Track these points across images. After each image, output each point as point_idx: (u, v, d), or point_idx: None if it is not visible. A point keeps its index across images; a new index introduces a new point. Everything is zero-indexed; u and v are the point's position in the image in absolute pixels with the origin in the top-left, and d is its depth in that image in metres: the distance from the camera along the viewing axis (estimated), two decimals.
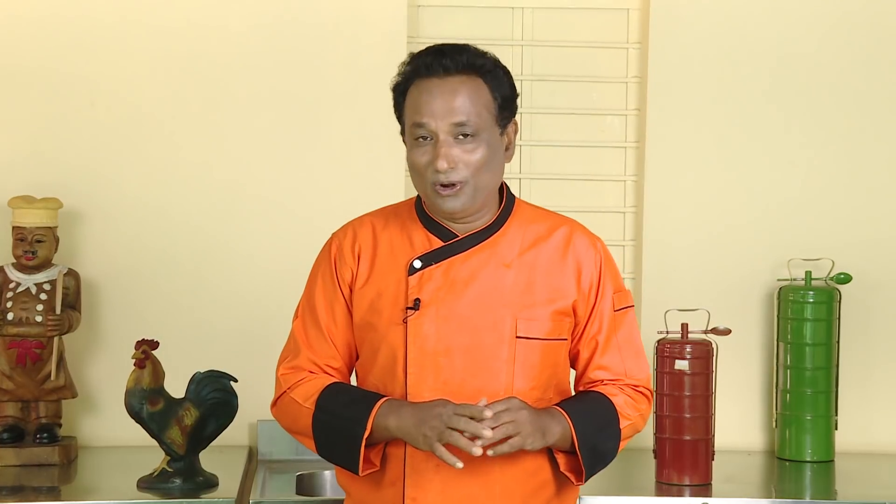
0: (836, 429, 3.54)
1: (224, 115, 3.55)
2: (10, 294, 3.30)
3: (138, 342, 3.07)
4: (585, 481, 2.29)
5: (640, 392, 2.33)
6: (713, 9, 3.65)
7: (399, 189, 3.52)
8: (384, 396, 2.21)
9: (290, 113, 3.57)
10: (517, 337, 2.22)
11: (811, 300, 3.50)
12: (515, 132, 2.30)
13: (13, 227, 3.33)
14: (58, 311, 3.29)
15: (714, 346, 3.24)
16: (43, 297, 3.30)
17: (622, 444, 2.31)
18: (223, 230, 3.54)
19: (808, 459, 3.50)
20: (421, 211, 2.31)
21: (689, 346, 3.20)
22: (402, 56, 3.52)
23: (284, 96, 3.57)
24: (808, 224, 3.66)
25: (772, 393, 3.62)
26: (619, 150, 3.76)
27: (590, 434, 2.22)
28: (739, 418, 3.63)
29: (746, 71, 3.65)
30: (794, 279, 3.57)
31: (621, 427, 2.28)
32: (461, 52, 2.22)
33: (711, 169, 3.65)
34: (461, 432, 2.07)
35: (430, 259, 2.24)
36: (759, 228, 3.65)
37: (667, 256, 3.66)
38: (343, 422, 2.20)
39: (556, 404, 2.25)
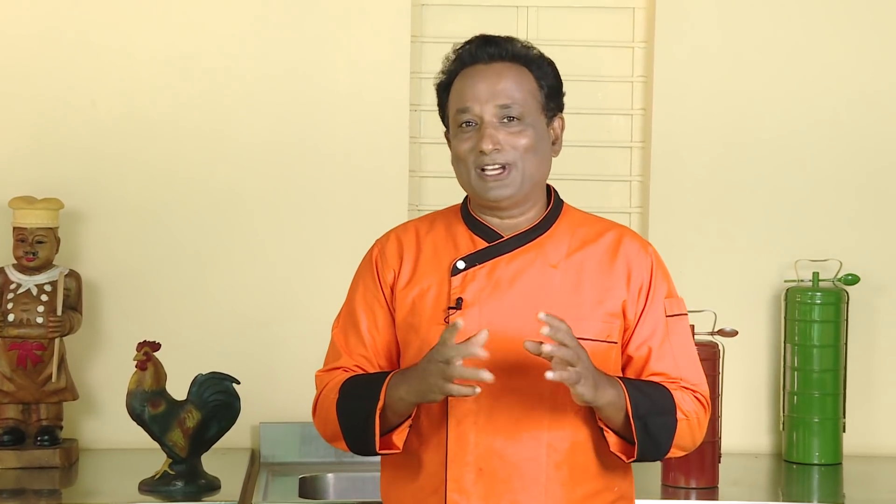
0: (844, 431, 3.51)
1: (226, 115, 3.53)
2: (10, 295, 3.29)
3: (140, 344, 3.05)
4: (636, 459, 2.17)
5: (698, 399, 2.23)
6: (719, 8, 3.63)
7: (402, 190, 3.50)
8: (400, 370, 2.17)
9: (293, 113, 3.56)
10: None
11: (818, 301, 3.48)
12: (562, 128, 2.28)
13: (14, 228, 3.31)
14: (59, 312, 3.28)
15: (721, 347, 3.22)
16: (44, 298, 3.29)
17: (675, 443, 2.19)
18: (225, 231, 3.53)
19: (816, 462, 3.48)
20: (466, 212, 2.27)
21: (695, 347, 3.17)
22: (406, 55, 3.56)
23: (286, 96, 3.55)
24: (815, 225, 3.64)
25: (779, 395, 3.60)
26: (624, 150, 3.74)
27: (644, 409, 2.12)
28: (746, 420, 3.61)
29: (753, 70, 3.63)
30: (802, 280, 3.55)
31: (678, 418, 2.17)
32: (506, 41, 2.23)
33: (718, 169, 3.64)
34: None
35: (473, 260, 2.20)
36: (765, 229, 3.63)
37: (673, 257, 3.61)
38: (360, 402, 2.16)
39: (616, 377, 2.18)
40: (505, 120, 2.16)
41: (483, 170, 2.17)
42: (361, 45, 3.54)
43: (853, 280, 3.52)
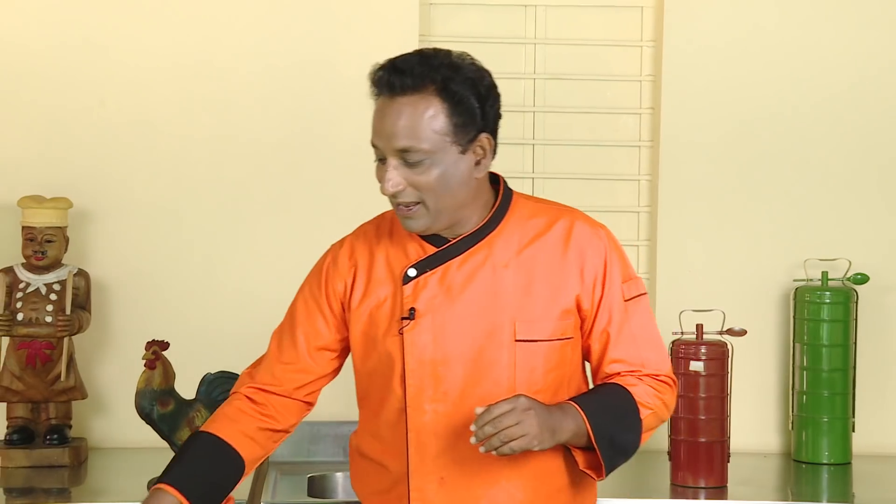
0: (854, 431, 3.50)
1: (234, 115, 3.54)
2: (19, 294, 3.29)
3: (149, 343, 3.06)
4: (606, 476, 2.19)
5: (662, 381, 2.23)
6: (727, 6, 3.62)
7: None
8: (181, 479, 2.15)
9: (301, 113, 3.56)
10: (517, 341, 2.15)
11: (828, 301, 3.47)
12: (491, 145, 2.15)
13: (23, 227, 3.32)
14: (67, 311, 3.28)
15: (729, 347, 3.21)
16: (53, 297, 3.29)
17: (645, 436, 2.21)
18: (233, 230, 3.53)
19: (825, 462, 3.47)
20: None
21: (704, 347, 3.17)
22: None
23: (295, 96, 3.55)
24: (824, 224, 3.63)
25: (788, 394, 3.59)
26: (633, 149, 3.74)
27: (606, 426, 2.13)
28: (755, 420, 3.60)
29: (762, 68, 3.62)
30: (811, 279, 3.54)
31: (642, 417, 2.18)
32: (412, 71, 2.08)
33: (726, 168, 3.63)
34: None
35: (424, 266, 2.18)
36: (774, 228, 3.62)
37: (681, 256, 3.63)
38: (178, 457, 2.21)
39: (570, 399, 2.17)
40: (407, 160, 2.09)
41: (395, 204, 2.14)
42: (370, 45, 3.54)
43: (862, 279, 3.51)
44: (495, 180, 2.25)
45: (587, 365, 2.31)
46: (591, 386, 2.30)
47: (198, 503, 2.12)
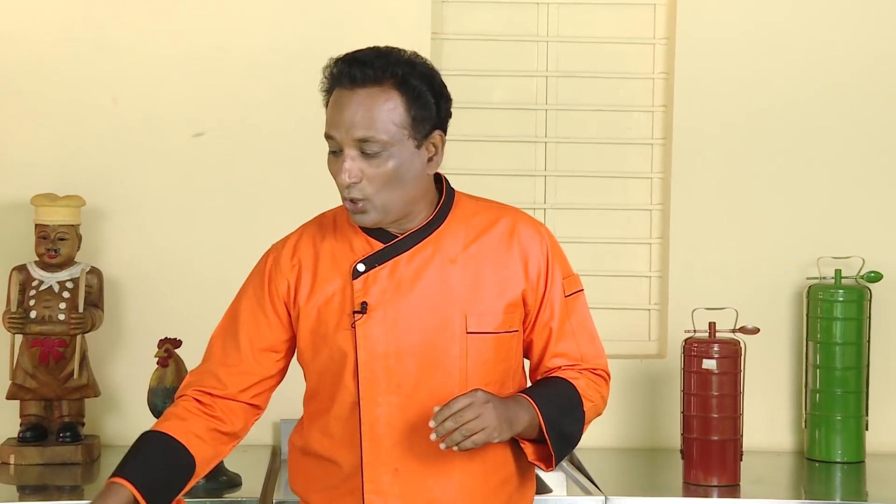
0: (867, 429, 3.49)
1: (246, 112, 3.54)
2: (32, 292, 3.30)
3: (161, 341, 3.06)
4: (555, 467, 2.25)
5: (599, 374, 2.30)
6: (740, 3, 3.61)
7: None
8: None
9: (313, 112, 3.53)
10: (468, 333, 2.18)
11: (841, 299, 3.46)
12: (442, 143, 2.19)
13: (36, 225, 3.33)
14: (80, 309, 3.29)
15: (742, 345, 3.20)
16: (66, 295, 3.30)
17: (585, 427, 2.27)
18: (246, 227, 3.53)
19: (839, 460, 3.46)
20: None
21: (716, 345, 3.17)
22: (426, 52, 3.55)
23: (308, 93, 3.52)
24: (837, 221, 3.62)
25: (801, 393, 3.58)
26: (645, 147, 3.73)
27: (556, 418, 2.18)
28: (768, 418, 3.59)
29: (774, 67, 3.61)
30: (824, 277, 3.53)
31: (585, 410, 2.24)
32: (373, 63, 2.12)
33: (739, 165, 3.62)
34: None
35: (373, 261, 2.20)
36: (787, 226, 3.61)
37: (694, 254, 3.63)
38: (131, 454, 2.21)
39: (521, 392, 2.22)
40: (365, 151, 2.12)
41: (346, 199, 2.16)
42: (382, 43, 3.53)
43: (876, 277, 3.50)
44: (438, 179, 2.28)
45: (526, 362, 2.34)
46: (528, 381, 2.34)
47: (151, 499, 2.12)
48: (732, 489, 3.15)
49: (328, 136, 2.16)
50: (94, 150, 3.52)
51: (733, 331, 3.22)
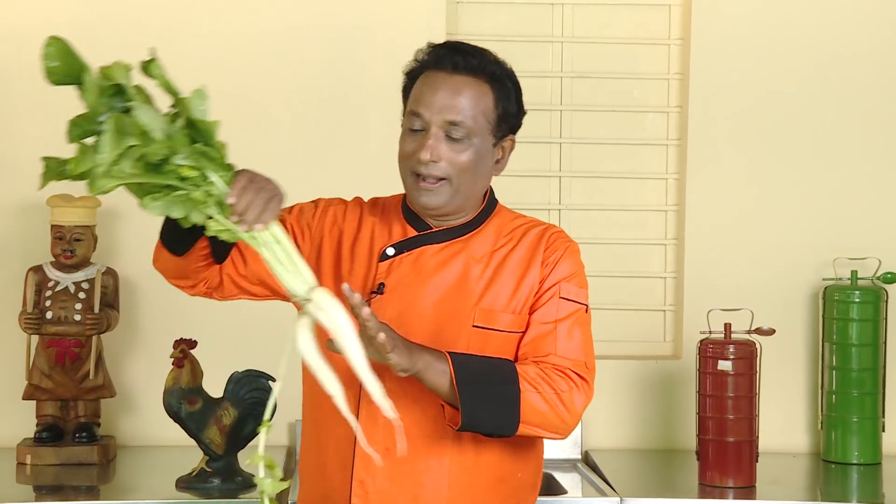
0: (884, 431, 3.48)
1: (262, 113, 3.54)
2: (48, 293, 3.31)
3: (177, 341, 3.07)
4: (463, 425, 2.09)
5: (562, 372, 2.17)
6: (755, 4, 3.61)
7: None
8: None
9: (328, 111, 3.56)
10: (474, 326, 2.20)
11: (857, 300, 3.45)
12: (511, 149, 2.27)
13: (52, 226, 3.34)
14: (96, 309, 3.30)
15: (758, 346, 3.19)
16: (81, 295, 3.31)
17: (525, 418, 2.12)
18: None
19: (855, 462, 3.45)
20: (405, 204, 2.31)
21: (732, 346, 3.16)
22: None
23: (322, 94, 3.56)
24: (853, 222, 3.60)
25: (817, 394, 3.57)
26: (660, 148, 3.72)
27: (470, 374, 2.09)
28: (784, 420, 3.58)
29: (790, 67, 3.60)
30: (840, 278, 3.52)
31: (521, 391, 2.11)
32: (476, 55, 2.21)
33: (755, 166, 3.61)
34: None
35: (402, 247, 2.25)
36: (803, 227, 3.61)
37: (709, 255, 3.62)
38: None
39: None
40: (451, 136, 2.17)
41: (418, 175, 2.19)
42: (396, 45, 3.53)
43: (892, 278, 3.49)
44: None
45: None
46: None
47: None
48: (748, 491, 3.14)
49: (414, 114, 2.20)
50: None
51: (749, 332, 3.22)
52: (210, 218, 1.97)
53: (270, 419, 2.00)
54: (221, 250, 2.24)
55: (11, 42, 3.51)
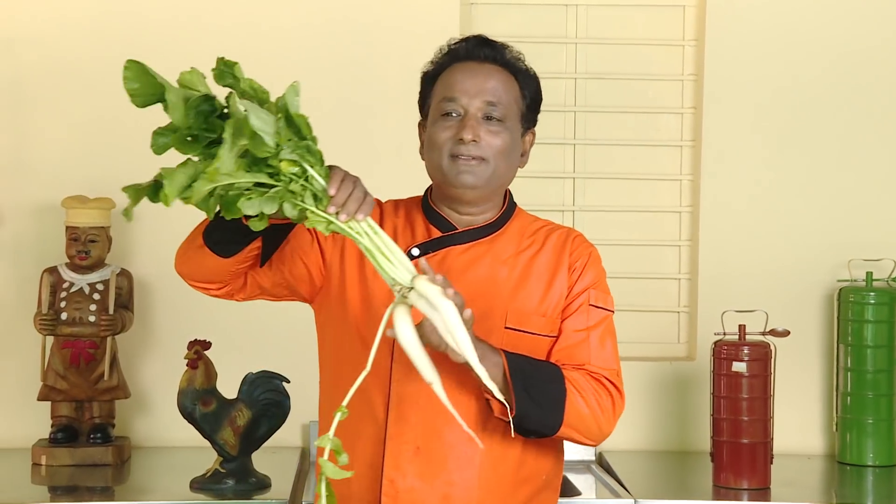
0: None
1: None
2: (63, 294, 3.32)
3: (191, 342, 3.07)
4: (515, 418, 2.08)
5: (599, 381, 2.19)
6: (770, 5, 3.60)
7: None
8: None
9: (342, 112, 3.56)
10: (506, 328, 2.20)
11: (872, 301, 3.44)
12: (532, 144, 2.32)
13: (66, 227, 3.35)
14: (111, 311, 3.31)
15: (772, 347, 3.19)
16: (96, 297, 3.32)
17: (569, 421, 2.14)
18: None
19: (870, 464, 3.44)
20: (426, 203, 2.32)
21: (746, 347, 3.15)
22: None
23: (336, 95, 3.56)
24: (868, 224, 3.59)
25: (832, 396, 3.56)
26: (674, 149, 3.72)
27: (523, 369, 2.10)
28: (798, 421, 3.57)
29: (804, 68, 3.60)
30: (855, 280, 3.51)
31: (566, 388, 2.14)
32: (501, 46, 2.28)
33: (769, 167, 3.60)
34: None
35: (427, 248, 2.25)
36: (818, 228, 3.60)
37: (724, 256, 3.61)
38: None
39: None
40: (488, 118, 2.21)
41: (456, 157, 2.21)
42: (410, 46, 3.54)
43: None
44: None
45: None
46: None
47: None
48: (763, 493, 3.13)
49: (449, 99, 2.22)
50: (124, 151, 3.52)
51: (763, 333, 3.21)
52: (303, 210, 1.97)
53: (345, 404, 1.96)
54: (270, 251, 2.24)
55: (28, 46, 3.52)
